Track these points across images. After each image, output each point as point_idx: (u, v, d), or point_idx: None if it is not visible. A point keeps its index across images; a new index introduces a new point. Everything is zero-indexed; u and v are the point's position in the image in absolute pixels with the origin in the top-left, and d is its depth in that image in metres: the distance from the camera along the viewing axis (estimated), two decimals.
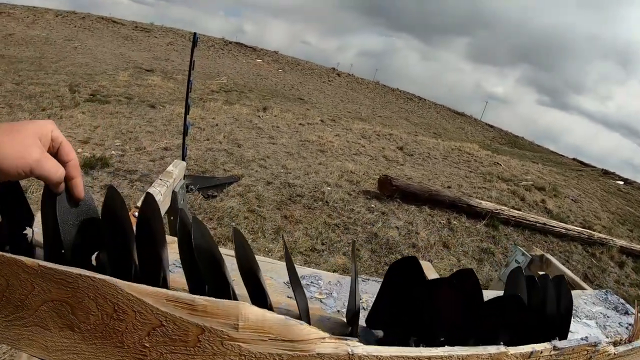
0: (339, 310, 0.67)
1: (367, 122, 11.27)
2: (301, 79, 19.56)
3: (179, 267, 0.66)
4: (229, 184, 4.30)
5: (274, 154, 5.73)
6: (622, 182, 11.80)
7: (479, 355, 0.54)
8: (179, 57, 15.35)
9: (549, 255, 1.96)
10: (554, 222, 5.19)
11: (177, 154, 4.73)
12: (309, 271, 0.79)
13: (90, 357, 0.44)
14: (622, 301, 0.96)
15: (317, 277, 0.77)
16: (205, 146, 5.42)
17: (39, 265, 0.41)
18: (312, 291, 0.71)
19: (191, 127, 4.04)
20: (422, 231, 4.27)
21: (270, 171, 4.98)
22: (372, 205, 4.62)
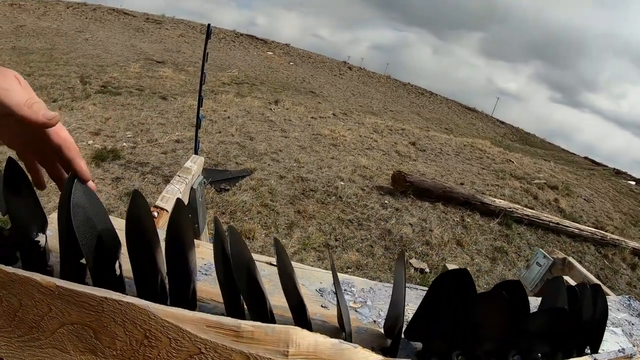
0: (374, 320, 0.63)
1: (379, 117, 11.14)
2: (312, 72, 19.41)
3: (204, 274, 0.63)
4: (241, 178, 4.25)
5: (287, 147, 5.67)
6: (634, 183, 11.61)
7: None
8: (190, 49, 15.29)
9: (571, 258, 1.87)
10: (567, 222, 5.10)
11: (189, 147, 4.69)
12: (341, 277, 0.74)
13: None
14: None
15: (350, 284, 0.73)
16: (217, 139, 5.37)
17: (57, 286, 0.35)
18: (346, 299, 0.68)
19: (203, 120, 3.99)
20: (436, 228, 4.18)
21: (283, 165, 4.92)
22: (386, 201, 4.54)
